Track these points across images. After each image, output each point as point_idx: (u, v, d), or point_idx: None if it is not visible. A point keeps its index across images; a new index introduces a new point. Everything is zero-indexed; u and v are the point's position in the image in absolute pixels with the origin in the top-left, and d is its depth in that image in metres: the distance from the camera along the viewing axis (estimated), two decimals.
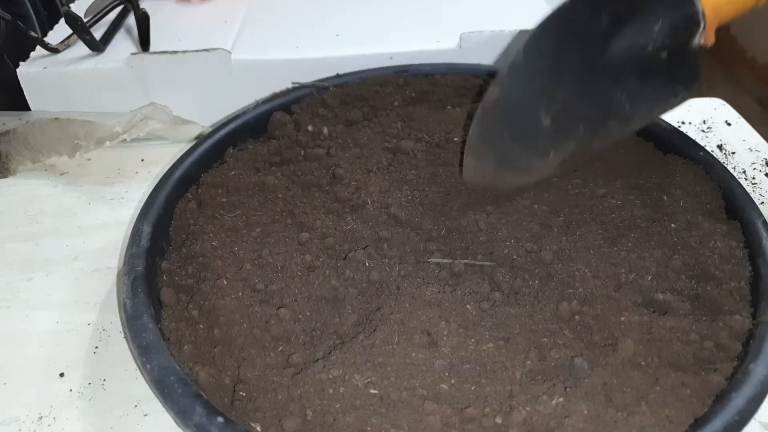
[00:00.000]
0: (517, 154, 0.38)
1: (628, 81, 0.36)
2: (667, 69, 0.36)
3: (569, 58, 0.36)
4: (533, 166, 0.38)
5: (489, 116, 0.37)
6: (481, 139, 0.38)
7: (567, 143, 0.37)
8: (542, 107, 0.36)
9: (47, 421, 0.36)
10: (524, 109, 0.36)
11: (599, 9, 0.35)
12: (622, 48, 0.36)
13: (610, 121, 0.37)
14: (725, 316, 0.35)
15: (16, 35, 0.66)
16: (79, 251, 0.47)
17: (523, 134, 0.37)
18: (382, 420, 0.31)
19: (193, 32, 0.60)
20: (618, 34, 0.35)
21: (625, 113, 0.37)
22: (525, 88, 0.36)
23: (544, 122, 0.36)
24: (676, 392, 0.32)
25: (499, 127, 0.37)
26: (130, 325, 0.34)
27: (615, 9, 0.35)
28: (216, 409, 0.30)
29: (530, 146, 0.37)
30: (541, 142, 0.37)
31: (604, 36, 0.35)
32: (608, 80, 0.36)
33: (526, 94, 0.36)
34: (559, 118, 0.36)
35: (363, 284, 0.38)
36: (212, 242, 0.41)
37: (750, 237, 0.39)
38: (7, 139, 0.54)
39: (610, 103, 0.37)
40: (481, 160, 0.39)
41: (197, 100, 0.58)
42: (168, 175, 0.44)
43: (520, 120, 0.37)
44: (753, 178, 0.53)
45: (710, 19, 0.36)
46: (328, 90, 0.52)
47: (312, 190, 0.45)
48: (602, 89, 0.36)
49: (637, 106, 0.37)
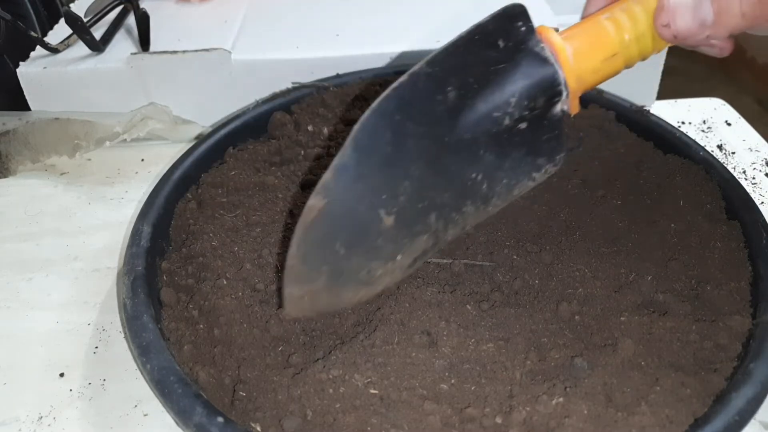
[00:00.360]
0: (356, 266, 0.31)
1: (484, 158, 0.32)
2: (527, 141, 0.33)
3: (411, 143, 0.31)
4: (378, 275, 0.32)
5: (313, 231, 0.30)
6: (304, 261, 0.30)
7: (417, 239, 0.32)
8: (381, 206, 0.30)
9: (47, 421, 0.36)
10: (359, 213, 0.30)
11: (443, 84, 0.31)
12: (473, 123, 0.31)
13: (465, 205, 0.33)
14: (725, 317, 0.35)
15: (16, 35, 0.66)
16: (79, 251, 0.47)
17: (362, 241, 0.31)
18: (382, 420, 0.31)
19: (193, 32, 0.60)
20: (468, 109, 0.31)
21: (482, 194, 0.33)
22: (357, 188, 0.30)
23: (386, 222, 0.30)
24: (676, 392, 0.32)
25: (328, 241, 0.30)
26: (130, 325, 0.34)
27: (462, 82, 0.31)
28: (216, 409, 0.30)
29: (372, 253, 0.31)
30: (386, 245, 0.31)
31: (452, 112, 0.31)
32: (460, 161, 0.32)
33: (360, 195, 0.30)
34: (404, 213, 0.31)
35: None
36: (212, 242, 0.41)
37: (750, 237, 0.39)
38: (7, 139, 0.54)
39: (465, 185, 0.32)
40: (308, 284, 0.31)
41: (197, 100, 0.58)
42: (168, 175, 0.44)
43: (355, 226, 0.30)
44: (753, 178, 0.53)
45: (573, 89, 0.33)
46: (328, 90, 0.52)
47: (312, 190, 0.45)
48: (454, 171, 0.32)
49: (496, 185, 0.33)
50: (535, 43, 0.32)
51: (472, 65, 0.31)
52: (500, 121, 0.32)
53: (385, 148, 0.30)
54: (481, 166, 0.32)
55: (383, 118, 0.30)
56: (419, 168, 0.31)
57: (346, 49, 0.57)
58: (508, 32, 0.32)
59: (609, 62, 0.34)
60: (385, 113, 0.30)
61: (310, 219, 0.30)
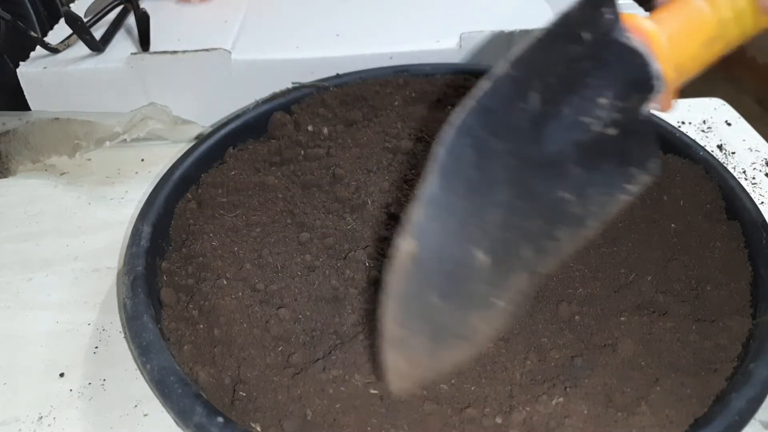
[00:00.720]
0: (455, 318, 0.28)
1: (573, 173, 0.28)
2: (618, 149, 0.29)
3: (496, 163, 0.27)
4: (478, 326, 0.29)
5: (405, 285, 0.27)
6: (401, 324, 0.27)
7: (512, 277, 0.28)
8: (472, 241, 0.27)
9: (47, 421, 0.36)
10: (452, 255, 0.27)
11: (525, 89, 0.27)
12: (559, 132, 0.28)
13: (558, 231, 0.29)
14: (725, 317, 0.35)
15: (16, 35, 0.66)
16: (79, 251, 0.47)
17: (456, 287, 0.27)
18: (382, 420, 0.31)
19: (193, 32, 0.60)
20: (553, 116, 0.27)
21: (575, 216, 0.29)
22: (448, 226, 0.27)
23: (479, 260, 0.27)
24: (676, 393, 0.32)
25: (422, 294, 0.27)
26: (130, 325, 0.34)
27: (545, 85, 0.27)
28: (216, 409, 0.30)
29: (468, 300, 0.28)
30: (482, 288, 0.28)
31: (537, 122, 0.27)
32: (547, 178, 0.28)
33: (450, 235, 0.27)
34: (495, 247, 0.27)
35: (363, 284, 0.38)
36: (212, 242, 0.41)
37: (750, 237, 0.39)
38: (7, 139, 0.54)
39: (555, 207, 0.28)
40: (408, 349, 0.28)
41: (197, 100, 0.58)
42: (168, 175, 0.44)
43: (448, 271, 0.27)
44: (753, 178, 0.53)
45: (671, 80, 0.29)
46: (328, 90, 0.52)
47: (312, 190, 0.45)
48: (542, 192, 0.28)
49: (588, 203, 0.29)
50: (623, 33, 0.28)
51: (556, 64, 0.28)
52: (588, 127, 0.28)
53: (471, 171, 0.27)
54: (570, 182, 0.28)
55: (466, 135, 0.27)
56: (506, 192, 0.28)
57: (346, 49, 0.57)
58: (592, 22, 0.28)
59: (708, 47, 0.30)
60: (467, 130, 0.27)
61: (402, 268, 0.27)
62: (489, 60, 0.57)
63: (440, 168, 0.27)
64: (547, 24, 0.27)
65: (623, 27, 0.28)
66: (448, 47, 0.57)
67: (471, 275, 0.27)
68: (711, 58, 0.30)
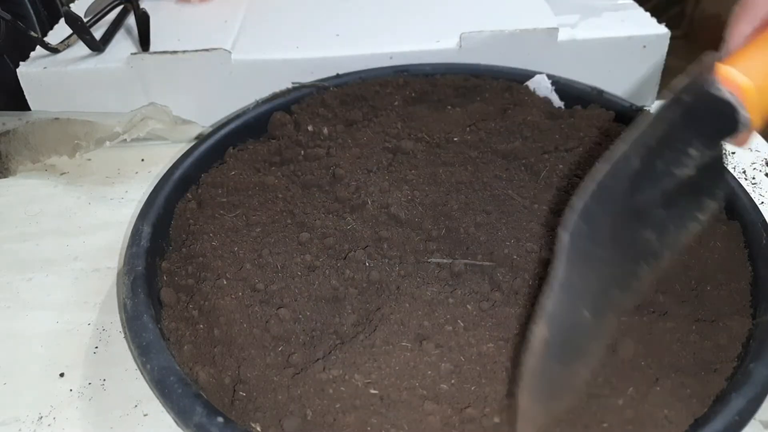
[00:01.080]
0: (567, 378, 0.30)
1: (657, 215, 0.30)
2: (693, 185, 0.30)
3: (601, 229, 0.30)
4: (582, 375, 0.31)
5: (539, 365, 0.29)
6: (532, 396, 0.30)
7: (606, 322, 0.30)
8: (585, 306, 0.29)
9: (47, 421, 0.36)
10: (572, 324, 0.29)
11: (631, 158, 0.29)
12: (651, 185, 0.30)
13: (641, 269, 0.30)
14: (725, 317, 0.35)
15: (16, 35, 0.66)
16: (79, 251, 0.47)
17: (576, 352, 0.30)
18: (382, 420, 0.31)
19: (193, 32, 0.60)
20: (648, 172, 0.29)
21: (654, 252, 0.30)
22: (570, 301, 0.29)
23: (589, 320, 0.29)
24: (676, 393, 0.32)
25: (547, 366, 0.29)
26: (130, 325, 0.34)
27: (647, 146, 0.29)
28: (216, 409, 0.30)
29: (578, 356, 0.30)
30: (586, 342, 0.30)
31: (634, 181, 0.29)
32: (636, 225, 0.30)
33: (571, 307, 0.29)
34: (596, 301, 0.29)
35: (363, 284, 0.38)
36: (212, 242, 0.41)
37: (750, 237, 0.39)
38: (7, 139, 0.54)
39: (638, 247, 0.30)
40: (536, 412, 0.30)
41: (197, 100, 0.58)
42: (168, 175, 0.44)
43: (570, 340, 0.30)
44: (753, 178, 0.53)
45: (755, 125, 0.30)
46: (328, 90, 0.52)
47: (312, 190, 0.45)
48: (630, 238, 0.30)
49: (666, 237, 0.30)
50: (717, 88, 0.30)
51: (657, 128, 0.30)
52: (678, 176, 0.30)
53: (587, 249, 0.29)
54: (652, 223, 0.30)
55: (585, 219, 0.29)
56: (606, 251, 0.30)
57: (346, 49, 0.57)
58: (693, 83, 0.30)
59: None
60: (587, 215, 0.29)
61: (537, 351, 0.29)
62: (489, 60, 0.57)
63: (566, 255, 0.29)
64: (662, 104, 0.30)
65: (716, 80, 0.30)
66: (448, 47, 0.57)
67: (585, 337, 0.30)
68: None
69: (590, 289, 0.29)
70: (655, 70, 0.60)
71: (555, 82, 0.54)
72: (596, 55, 0.58)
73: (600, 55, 0.59)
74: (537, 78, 0.54)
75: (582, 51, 0.58)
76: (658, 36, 0.58)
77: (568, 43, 0.58)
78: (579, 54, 0.58)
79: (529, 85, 0.54)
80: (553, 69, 0.55)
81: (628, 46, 0.58)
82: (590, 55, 0.58)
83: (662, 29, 0.59)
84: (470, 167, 0.45)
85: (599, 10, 0.62)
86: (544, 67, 0.55)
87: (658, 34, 0.58)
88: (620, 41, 0.58)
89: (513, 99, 0.53)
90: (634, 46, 0.58)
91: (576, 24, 0.59)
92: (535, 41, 0.57)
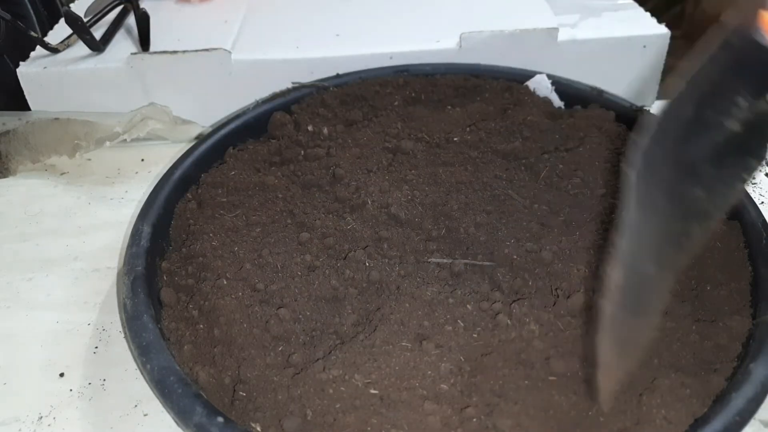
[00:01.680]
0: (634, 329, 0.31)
1: (707, 173, 0.30)
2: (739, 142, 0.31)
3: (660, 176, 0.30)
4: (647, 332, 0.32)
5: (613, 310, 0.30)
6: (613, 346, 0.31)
7: (667, 280, 0.31)
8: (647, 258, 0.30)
9: (47, 421, 0.36)
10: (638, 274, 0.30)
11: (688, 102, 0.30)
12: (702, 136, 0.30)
13: (693, 227, 0.31)
14: (725, 317, 0.35)
15: (16, 35, 0.66)
16: (79, 251, 0.47)
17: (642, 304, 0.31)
18: (382, 420, 0.31)
19: (193, 32, 0.60)
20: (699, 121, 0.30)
21: (704, 211, 0.31)
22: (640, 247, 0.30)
23: (652, 274, 0.30)
24: (676, 392, 0.32)
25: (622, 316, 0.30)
26: (130, 325, 0.34)
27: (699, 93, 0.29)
28: (216, 409, 0.30)
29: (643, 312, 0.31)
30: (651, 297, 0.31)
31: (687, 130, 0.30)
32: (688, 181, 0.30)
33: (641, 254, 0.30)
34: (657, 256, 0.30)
35: (363, 284, 0.38)
36: (212, 242, 0.41)
37: (750, 237, 0.39)
38: (7, 139, 0.54)
39: (690, 205, 0.31)
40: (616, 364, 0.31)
41: (197, 100, 0.58)
42: (168, 175, 0.44)
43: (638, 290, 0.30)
44: (753, 177, 0.53)
45: None
46: (328, 90, 0.52)
47: (312, 190, 0.45)
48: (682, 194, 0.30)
49: (715, 196, 0.31)
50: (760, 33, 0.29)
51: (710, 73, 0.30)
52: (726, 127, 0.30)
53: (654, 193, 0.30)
54: (703, 181, 0.30)
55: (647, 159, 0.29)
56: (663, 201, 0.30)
57: (346, 49, 0.57)
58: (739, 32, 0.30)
59: None
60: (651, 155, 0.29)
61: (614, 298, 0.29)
62: (489, 60, 0.57)
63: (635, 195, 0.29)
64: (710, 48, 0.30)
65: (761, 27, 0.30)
66: (448, 47, 0.57)
67: (647, 287, 0.30)
68: None
69: (654, 241, 0.30)
70: (655, 70, 0.60)
71: (555, 82, 0.54)
72: (596, 55, 0.58)
73: (600, 55, 0.59)
74: (537, 78, 0.54)
75: (582, 51, 0.58)
76: (658, 36, 0.58)
77: (568, 43, 0.58)
78: (579, 54, 0.58)
79: (529, 85, 0.54)
80: (553, 69, 0.55)
81: (628, 46, 0.58)
82: (590, 55, 0.58)
83: (662, 29, 0.59)
84: (470, 167, 0.45)
85: (599, 10, 0.62)
86: (544, 67, 0.55)
87: (658, 34, 0.58)
88: (620, 41, 0.58)
89: (513, 99, 0.53)
90: (634, 46, 0.58)
91: (576, 24, 0.59)
92: (535, 41, 0.57)
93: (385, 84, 0.53)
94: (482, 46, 0.57)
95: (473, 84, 0.54)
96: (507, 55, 0.57)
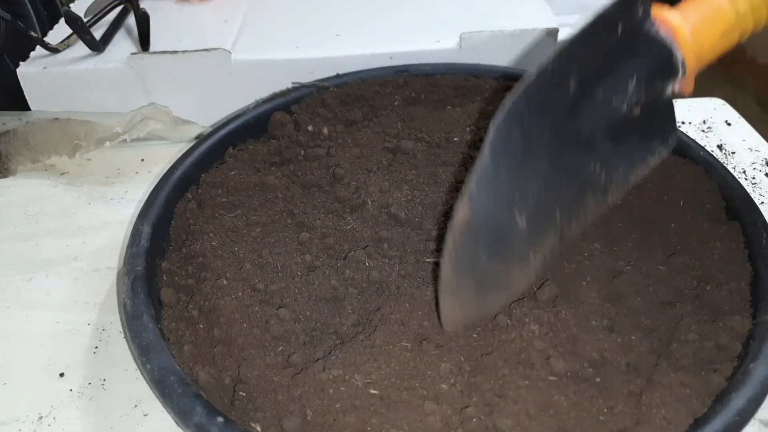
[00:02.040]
0: (496, 272, 0.33)
1: (602, 148, 0.32)
2: (641, 125, 0.33)
3: (538, 140, 0.31)
4: (514, 279, 0.34)
5: (461, 244, 0.31)
6: (455, 274, 0.32)
7: (545, 238, 0.33)
8: (516, 208, 0.31)
9: (47, 421, 0.36)
10: (498, 219, 0.31)
11: (567, 76, 0.31)
12: (593, 113, 0.32)
13: (586, 197, 0.33)
14: (725, 317, 0.35)
15: (16, 35, 0.66)
16: (79, 251, 0.47)
17: (500, 247, 0.32)
18: (382, 420, 0.31)
19: (193, 32, 0.60)
20: (588, 98, 0.31)
21: (600, 184, 0.33)
22: (496, 194, 0.31)
23: (520, 223, 0.31)
24: (676, 392, 0.32)
25: (473, 251, 0.31)
26: (130, 325, 0.34)
27: (582, 73, 0.31)
28: (216, 409, 0.30)
29: (508, 257, 0.32)
30: (520, 247, 0.32)
31: (573, 104, 0.31)
32: (580, 152, 0.32)
33: (498, 201, 0.31)
34: (534, 213, 0.31)
35: (363, 284, 0.38)
36: (212, 242, 0.41)
37: (750, 237, 0.39)
38: (7, 139, 0.54)
39: (584, 176, 0.32)
40: (459, 294, 0.33)
41: (197, 100, 0.58)
42: (168, 175, 0.44)
43: (494, 232, 0.31)
44: (753, 178, 0.53)
45: (691, 68, 0.33)
46: (328, 90, 0.52)
47: (312, 190, 0.45)
48: (575, 165, 0.32)
49: (613, 173, 0.33)
50: (652, 25, 0.32)
51: (592, 54, 0.32)
52: (618, 108, 0.32)
53: (516, 148, 0.31)
54: (599, 156, 0.32)
55: (513, 117, 0.30)
56: (545, 165, 0.31)
57: (346, 49, 0.57)
58: (626, 16, 0.32)
59: (726, 37, 0.33)
60: (514, 113, 0.30)
61: (457, 230, 0.31)
62: (489, 60, 0.57)
63: (491, 145, 0.30)
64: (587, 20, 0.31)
65: (653, 19, 0.32)
66: (448, 47, 0.57)
67: (513, 236, 0.32)
68: (728, 47, 0.34)
69: (526, 198, 0.31)
70: None
71: None
72: None
73: None
74: None
75: None
76: None
77: None
78: None
79: None
80: None
81: None
82: None
83: None
84: (470, 167, 0.45)
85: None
86: None
87: None
88: None
89: None
90: None
91: (576, 24, 0.59)
92: (535, 41, 0.57)
93: (385, 84, 0.53)
94: (482, 46, 0.57)
95: (473, 84, 0.54)
96: (507, 55, 0.57)
